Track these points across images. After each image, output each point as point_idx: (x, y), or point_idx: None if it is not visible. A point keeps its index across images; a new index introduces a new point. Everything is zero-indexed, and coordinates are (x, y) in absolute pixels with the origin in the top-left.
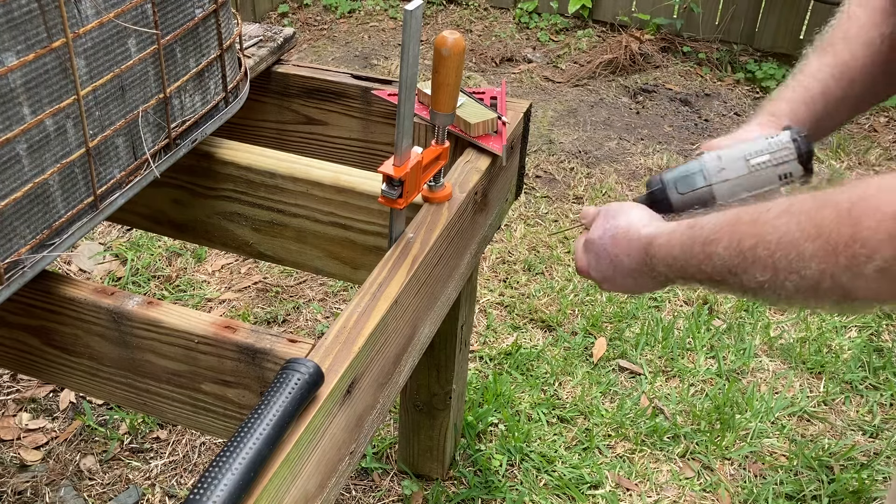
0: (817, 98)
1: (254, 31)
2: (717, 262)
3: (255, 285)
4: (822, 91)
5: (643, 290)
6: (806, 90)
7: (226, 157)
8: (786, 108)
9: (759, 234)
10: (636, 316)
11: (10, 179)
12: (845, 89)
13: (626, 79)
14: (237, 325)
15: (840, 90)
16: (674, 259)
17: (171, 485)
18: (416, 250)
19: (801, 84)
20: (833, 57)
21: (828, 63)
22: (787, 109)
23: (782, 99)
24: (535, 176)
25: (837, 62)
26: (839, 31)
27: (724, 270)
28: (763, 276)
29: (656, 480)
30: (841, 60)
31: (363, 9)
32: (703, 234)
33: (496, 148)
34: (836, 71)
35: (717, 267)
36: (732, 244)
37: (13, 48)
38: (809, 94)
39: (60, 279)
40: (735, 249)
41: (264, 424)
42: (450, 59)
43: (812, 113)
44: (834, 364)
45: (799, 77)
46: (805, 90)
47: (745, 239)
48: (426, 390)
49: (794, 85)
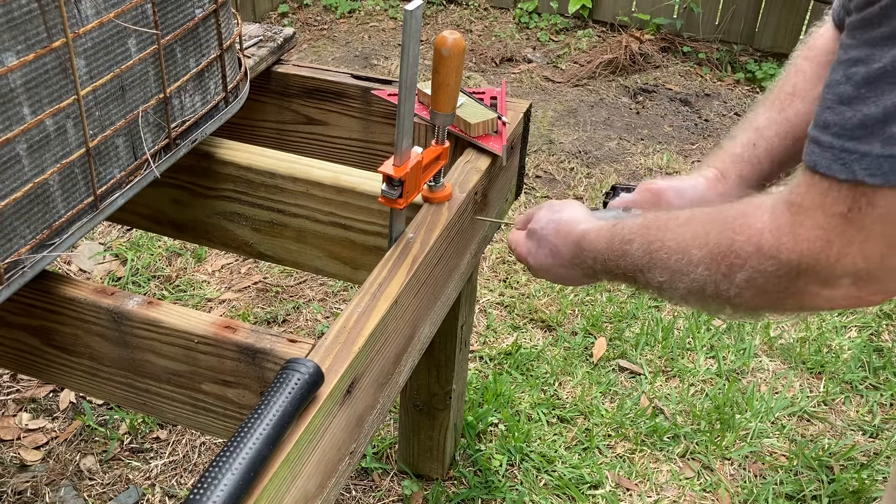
0: (763, 157)
1: (254, 31)
2: (629, 261)
3: (255, 285)
4: (767, 150)
5: (572, 283)
6: (753, 148)
7: (226, 157)
8: (732, 167)
9: (663, 238)
10: (636, 316)
11: (10, 179)
12: (790, 148)
13: (626, 79)
14: (237, 325)
15: (784, 149)
16: (598, 252)
17: (171, 485)
18: (416, 250)
19: (748, 142)
20: (780, 113)
21: (775, 120)
22: (734, 170)
23: (730, 155)
24: (535, 176)
25: (783, 119)
26: (788, 84)
27: (634, 269)
28: (662, 276)
29: (656, 480)
30: (786, 117)
31: (363, 9)
32: (623, 234)
33: (496, 148)
34: (781, 129)
35: (630, 265)
36: (643, 245)
37: (13, 48)
38: (755, 155)
39: (60, 279)
40: (644, 250)
41: (264, 424)
42: (450, 59)
43: (758, 172)
44: (834, 364)
45: (748, 132)
46: (752, 148)
47: (653, 242)
48: (426, 390)
49: (744, 140)
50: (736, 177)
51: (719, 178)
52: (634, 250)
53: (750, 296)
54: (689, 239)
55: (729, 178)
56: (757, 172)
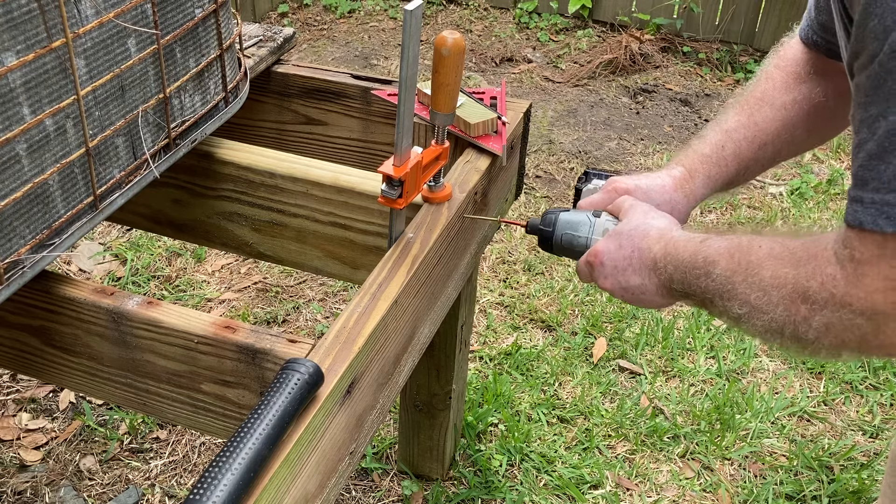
0: (730, 161)
1: (254, 31)
2: (710, 283)
3: (255, 285)
4: (735, 153)
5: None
6: (721, 150)
7: (226, 157)
8: (700, 168)
9: (747, 270)
10: (636, 316)
11: (10, 179)
12: (756, 153)
13: (626, 79)
14: (237, 325)
15: (751, 153)
16: (681, 263)
17: (171, 485)
18: (416, 250)
19: (717, 143)
20: (748, 117)
21: (743, 124)
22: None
23: (699, 155)
24: (535, 176)
25: (751, 123)
26: (758, 90)
27: (714, 293)
28: (742, 309)
29: (656, 480)
30: (754, 122)
31: (363, 9)
32: (708, 252)
33: (496, 148)
34: (749, 133)
35: (710, 287)
36: (726, 272)
37: (13, 48)
38: (723, 156)
39: (60, 279)
40: (726, 278)
41: (264, 424)
42: (450, 59)
43: (725, 174)
44: (834, 364)
45: (717, 134)
46: (720, 150)
47: (736, 273)
48: (426, 390)
49: (713, 142)
50: (704, 177)
51: (687, 177)
52: (717, 274)
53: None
54: (768, 278)
55: (696, 177)
56: (724, 174)
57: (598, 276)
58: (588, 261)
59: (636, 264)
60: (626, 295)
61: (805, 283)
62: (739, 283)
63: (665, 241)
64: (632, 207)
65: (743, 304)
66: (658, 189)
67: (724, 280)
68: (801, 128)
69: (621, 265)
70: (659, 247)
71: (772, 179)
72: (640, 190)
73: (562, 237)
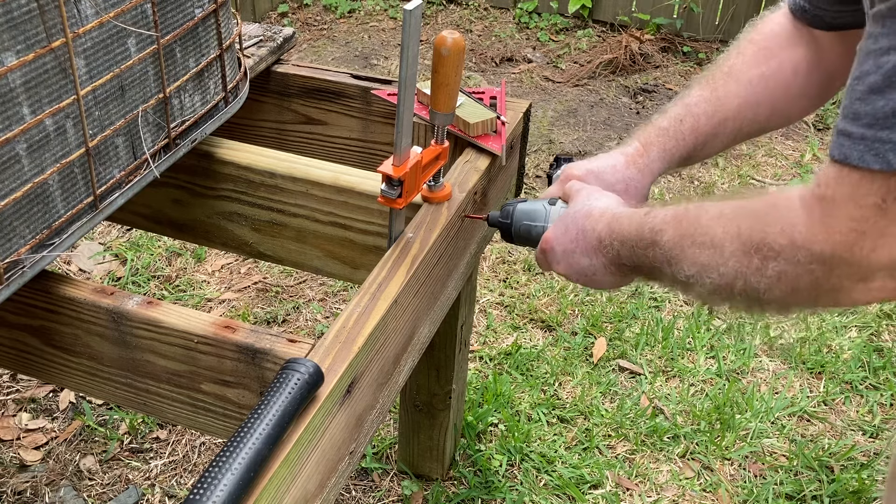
0: (687, 135)
1: (253, 31)
2: (658, 252)
3: (255, 285)
4: (693, 128)
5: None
6: (679, 124)
7: (225, 157)
8: (656, 141)
9: (694, 233)
10: (636, 316)
11: (10, 179)
12: (716, 128)
13: (626, 79)
14: (237, 325)
15: (711, 128)
16: (626, 238)
17: (171, 485)
18: (416, 250)
19: (676, 116)
20: (712, 92)
21: (706, 98)
22: (657, 144)
23: (656, 129)
24: (535, 176)
25: (714, 98)
26: (726, 64)
27: (662, 260)
28: (690, 270)
29: (656, 480)
30: (717, 97)
31: (363, 9)
32: (653, 223)
33: (495, 148)
34: (709, 108)
35: (658, 256)
36: (674, 238)
37: (13, 48)
38: (681, 130)
39: (60, 279)
40: (674, 243)
41: (264, 424)
42: (449, 58)
43: (681, 147)
44: (834, 364)
45: (677, 107)
46: (679, 124)
47: (685, 236)
48: (426, 390)
49: (672, 115)
50: (658, 150)
51: (641, 152)
52: (665, 241)
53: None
54: (720, 233)
55: (651, 151)
56: (681, 148)
57: (552, 262)
58: (542, 248)
59: (583, 245)
60: (580, 278)
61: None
62: (688, 246)
63: (608, 219)
64: (578, 192)
65: (692, 264)
66: (610, 169)
67: (672, 245)
68: (764, 105)
69: (569, 248)
70: (602, 225)
71: (772, 179)
72: (591, 174)
73: (519, 228)
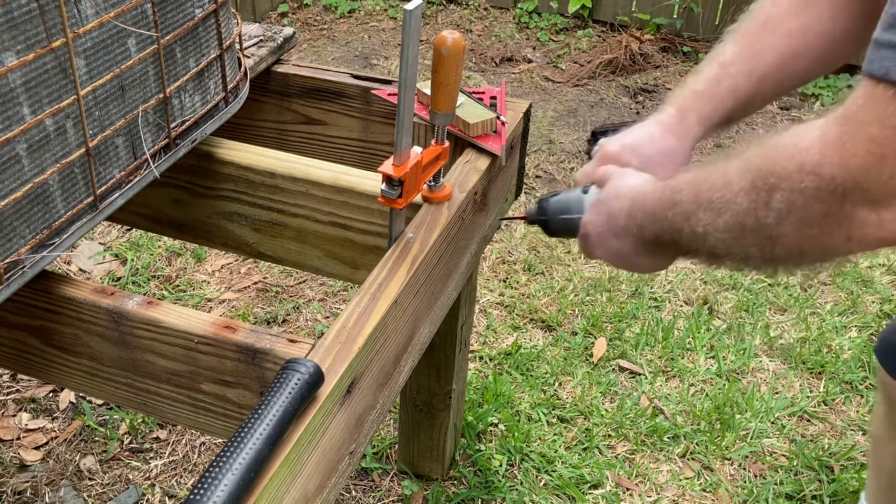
0: (726, 97)
1: (254, 31)
2: (678, 210)
3: (255, 285)
4: (731, 89)
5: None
6: (716, 86)
7: (226, 157)
8: (693, 106)
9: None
10: (636, 316)
11: (10, 179)
12: (756, 86)
13: (626, 79)
14: (237, 325)
15: (750, 87)
16: (648, 207)
17: (171, 485)
18: (416, 250)
19: (713, 78)
20: (748, 48)
21: (742, 55)
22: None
23: (692, 92)
24: (535, 176)
25: (751, 54)
26: (762, 15)
27: (683, 217)
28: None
29: (656, 480)
30: (754, 53)
31: (363, 9)
32: (675, 184)
33: (495, 148)
34: (746, 66)
35: (679, 214)
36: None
37: (13, 48)
38: (718, 93)
39: (60, 279)
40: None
41: (264, 424)
42: (449, 58)
43: (720, 111)
44: (834, 364)
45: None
46: (715, 86)
47: (702, 184)
48: (426, 390)
49: (707, 76)
50: (696, 116)
51: (677, 118)
52: (684, 197)
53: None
54: (733, 171)
55: (688, 117)
56: (720, 112)
57: (591, 248)
58: (582, 235)
59: (612, 227)
60: (617, 261)
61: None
62: (704, 191)
63: (633, 196)
64: (612, 175)
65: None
66: (647, 141)
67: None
68: (804, 57)
69: (602, 231)
70: (627, 203)
71: None
72: (627, 148)
73: (557, 221)
